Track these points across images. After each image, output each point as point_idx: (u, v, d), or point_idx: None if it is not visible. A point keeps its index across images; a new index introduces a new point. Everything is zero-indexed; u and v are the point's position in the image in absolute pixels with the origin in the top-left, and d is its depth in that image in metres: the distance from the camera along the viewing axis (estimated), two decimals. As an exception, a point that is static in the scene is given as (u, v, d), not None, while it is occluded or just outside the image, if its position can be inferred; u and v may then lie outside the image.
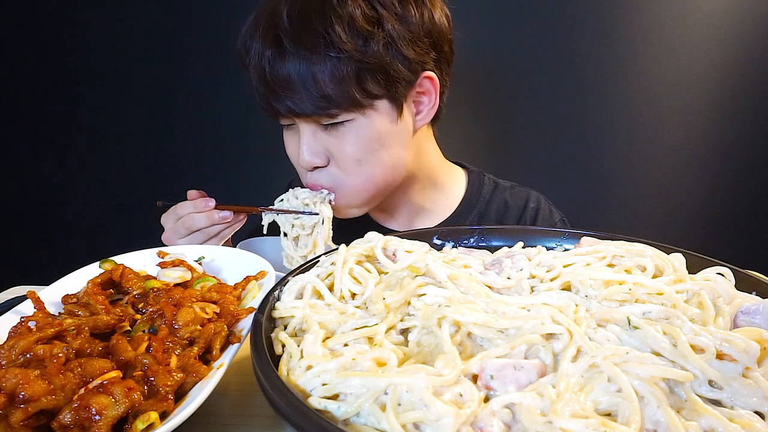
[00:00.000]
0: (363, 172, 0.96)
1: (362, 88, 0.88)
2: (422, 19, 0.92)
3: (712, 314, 0.52)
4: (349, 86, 0.87)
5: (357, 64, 0.86)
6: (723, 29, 1.59)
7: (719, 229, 1.77)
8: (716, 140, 1.70)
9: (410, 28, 0.90)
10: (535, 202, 1.14)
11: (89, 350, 0.52)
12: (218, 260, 0.76)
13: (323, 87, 0.86)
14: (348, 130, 0.92)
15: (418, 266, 0.60)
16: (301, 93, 0.87)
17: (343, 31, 0.84)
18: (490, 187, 1.16)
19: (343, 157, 0.94)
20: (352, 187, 0.98)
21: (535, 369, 0.44)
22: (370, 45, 0.86)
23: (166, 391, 0.47)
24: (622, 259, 0.63)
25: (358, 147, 0.94)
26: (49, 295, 0.64)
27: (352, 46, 0.85)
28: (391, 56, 0.88)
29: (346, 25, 0.84)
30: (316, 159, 0.95)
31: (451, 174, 1.17)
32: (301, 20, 0.86)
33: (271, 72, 0.88)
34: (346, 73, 0.86)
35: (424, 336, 0.51)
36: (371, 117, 0.92)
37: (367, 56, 0.86)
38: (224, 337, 0.55)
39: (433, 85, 0.98)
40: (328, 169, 0.97)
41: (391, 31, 0.88)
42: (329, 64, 0.85)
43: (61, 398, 0.45)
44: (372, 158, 0.95)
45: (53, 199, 2.06)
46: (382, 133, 0.94)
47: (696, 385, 0.42)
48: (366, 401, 0.41)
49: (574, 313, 0.51)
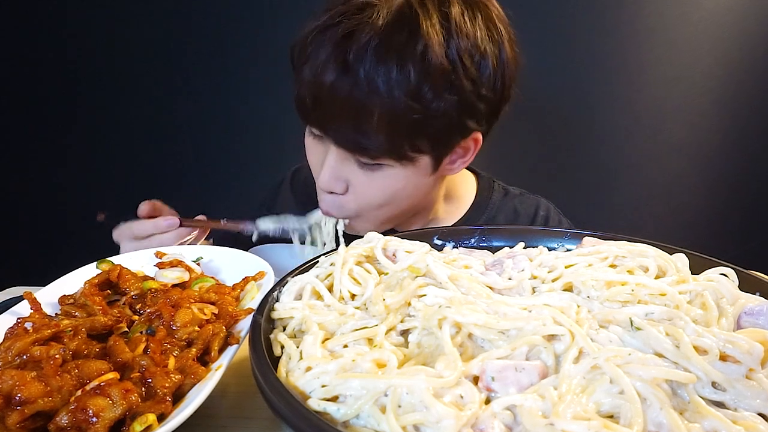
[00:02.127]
0: (380, 215, 0.93)
1: (412, 143, 0.83)
2: (493, 84, 0.84)
3: (716, 315, 0.52)
4: (400, 137, 0.81)
5: (416, 117, 0.79)
6: (726, 27, 1.59)
7: (722, 228, 1.77)
8: (719, 139, 1.70)
9: (479, 96, 0.83)
10: (544, 210, 1.13)
11: (86, 352, 0.52)
12: (217, 260, 0.76)
13: (374, 128, 0.79)
14: (380, 174, 0.87)
15: (418, 267, 0.60)
16: (348, 125, 0.81)
17: (415, 81, 0.77)
18: (500, 194, 1.14)
19: (364, 198, 0.90)
20: (365, 220, 0.95)
21: (536, 370, 0.44)
22: (435, 105, 0.79)
23: (164, 393, 0.47)
24: (624, 260, 0.63)
25: (383, 193, 0.89)
26: (46, 295, 0.64)
27: (418, 100, 0.78)
28: (450, 122, 0.83)
29: (421, 76, 0.77)
30: (336, 186, 0.89)
31: (463, 182, 1.15)
32: (378, 53, 0.77)
33: (326, 92, 0.80)
34: (402, 124, 0.79)
35: (425, 337, 0.51)
36: (408, 169, 0.87)
37: (428, 115, 0.79)
38: (223, 338, 0.55)
39: (475, 145, 0.92)
40: (344, 197, 0.91)
41: (460, 97, 0.81)
42: (389, 108, 0.78)
43: (57, 400, 0.45)
44: (394, 204, 0.92)
45: (50, 199, 2.06)
46: (412, 185, 0.90)
47: (699, 386, 0.42)
48: (366, 403, 0.41)
49: (576, 314, 0.51)
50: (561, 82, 1.70)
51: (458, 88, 0.80)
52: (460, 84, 0.80)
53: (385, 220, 0.96)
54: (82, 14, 1.86)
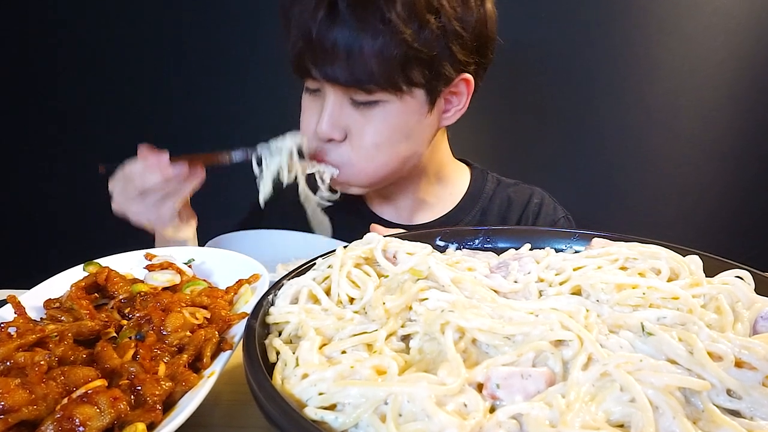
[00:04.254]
0: (377, 158, 0.98)
1: (405, 74, 0.90)
2: (476, 20, 0.94)
3: (731, 320, 0.52)
4: (393, 68, 0.89)
5: (406, 48, 0.87)
6: (742, 18, 1.59)
7: (738, 229, 1.77)
8: (734, 135, 1.70)
9: (464, 26, 0.92)
10: (538, 198, 1.17)
11: (73, 358, 0.52)
12: (209, 262, 0.76)
13: (368, 62, 0.87)
14: (377, 112, 0.94)
15: (420, 269, 0.60)
16: (343, 62, 0.88)
17: (402, 11, 0.86)
18: (493, 183, 1.19)
19: (362, 139, 0.96)
20: (360, 170, 0.99)
21: (543, 377, 0.44)
22: (423, 33, 0.88)
23: (154, 401, 0.47)
24: (635, 262, 0.63)
25: (381, 132, 0.95)
26: (31, 299, 0.64)
27: (407, 29, 0.86)
28: (440, 49, 0.91)
29: (406, 6, 0.86)
30: (335, 132, 0.95)
31: (456, 170, 1.20)
32: None
33: (318, 34, 0.88)
34: (394, 54, 0.87)
35: (427, 343, 0.51)
36: (406, 103, 0.94)
37: (418, 43, 0.88)
38: (215, 343, 0.55)
39: (467, 88, 1.01)
40: (340, 146, 0.97)
41: (447, 25, 0.90)
42: (380, 41, 0.86)
43: (42, 408, 0.45)
44: (390, 147, 0.97)
45: (35, 199, 2.06)
46: (409, 124, 0.96)
47: (713, 394, 0.42)
48: (365, 411, 0.41)
49: (584, 318, 0.51)
50: (567, 74, 1.70)
51: (442, 14, 0.89)
52: (443, 11, 0.89)
53: (375, 170, 0.99)
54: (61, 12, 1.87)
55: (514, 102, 1.75)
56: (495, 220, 1.14)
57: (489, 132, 1.78)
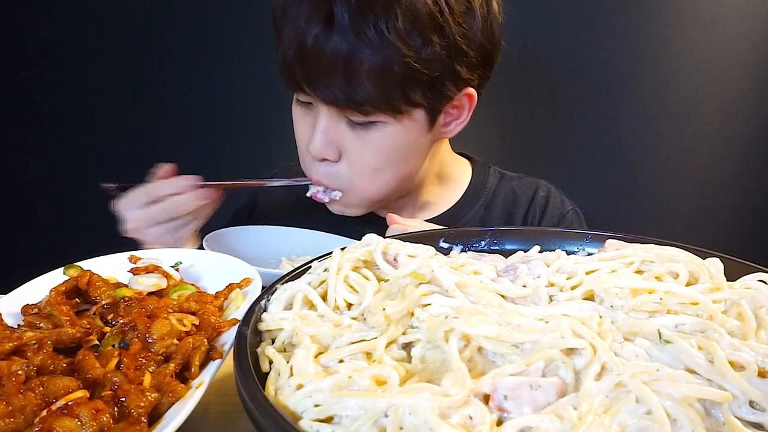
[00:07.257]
0: (376, 180, 0.97)
1: (405, 94, 0.88)
2: (482, 32, 0.91)
3: (754, 327, 0.52)
4: (392, 88, 0.86)
5: (407, 67, 0.85)
6: (766, 6, 1.59)
7: (761, 230, 1.77)
8: (757, 130, 1.70)
9: (470, 44, 0.89)
10: (545, 191, 1.17)
11: (52, 367, 0.52)
12: (197, 266, 0.76)
13: (365, 79, 0.84)
14: (374, 134, 0.92)
15: (422, 273, 0.60)
16: (338, 79, 0.85)
17: (404, 27, 0.83)
18: (496, 177, 1.19)
19: (359, 162, 0.94)
20: (359, 193, 0.98)
21: (554, 388, 0.44)
22: (426, 52, 0.85)
23: (139, 413, 0.47)
24: (651, 265, 0.63)
25: (379, 155, 0.93)
26: (7, 305, 0.64)
27: (409, 47, 0.84)
28: (443, 69, 0.88)
29: (408, 22, 0.83)
30: (329, 152, 0.93)
31: (457, 167, 1.20)
32: (364, 1, 0.83)
33: (312, 47, 0.85)
34: (394, 73, 0.84)
35: (430, 351, 0.51)
36: (404, 125, 0.91)
37: (420, 63, 0.85)
38: (204, 352, 0.55)
39: (470, 102, 0.99)
40: (337, 165, 0.96)
41: (452, 44, 0.87)
42: (380, 57, 0.84)
43: (20, 421, 0.45)
44: (390, 169, 0.96)
45: (12, 198, 2.06)
46: (408, 144, 0.94)
47: (735, 406, 0.42)
48: (364, 424, 0.41)
49: (597, 325, 0.51)
50: (580, 65, 1.70)
51: (447, 32, 0.86)
52: (449, 28, 0.86)
53: (378, 191, 0.99)
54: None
55: (527, 98, 1.75)
56: (500, 215, 1.14)
57: (500, 128, 1.78)
